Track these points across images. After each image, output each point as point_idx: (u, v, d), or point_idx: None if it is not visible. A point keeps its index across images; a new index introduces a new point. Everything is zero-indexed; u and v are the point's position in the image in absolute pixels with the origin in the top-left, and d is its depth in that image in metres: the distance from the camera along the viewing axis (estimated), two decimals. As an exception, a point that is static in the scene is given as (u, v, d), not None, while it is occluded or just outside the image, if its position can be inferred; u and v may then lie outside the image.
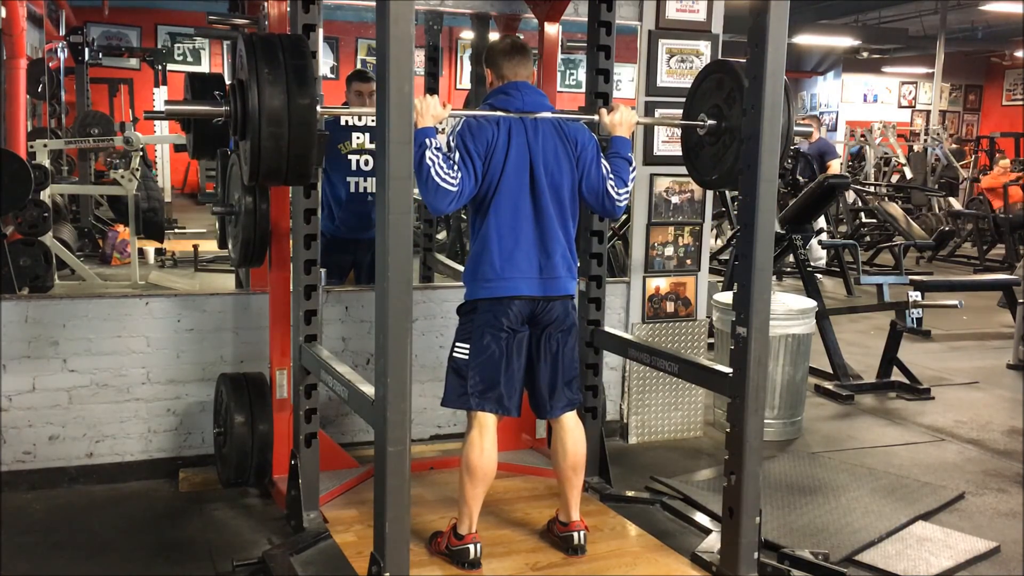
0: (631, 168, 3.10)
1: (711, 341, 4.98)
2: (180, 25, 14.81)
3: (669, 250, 4.54)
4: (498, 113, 2.98)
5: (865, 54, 18.41)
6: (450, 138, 2.94)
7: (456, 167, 2.84)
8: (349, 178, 4.47)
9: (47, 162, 7.20)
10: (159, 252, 8.66)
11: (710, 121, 3.12)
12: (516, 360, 3.02)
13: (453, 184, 2.81)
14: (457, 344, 3.06)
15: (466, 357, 3.01)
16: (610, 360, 4.38)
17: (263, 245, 3.53)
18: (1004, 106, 20.51)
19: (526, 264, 2.97)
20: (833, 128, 19.83)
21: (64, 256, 6.93)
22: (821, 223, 9.47)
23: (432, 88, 5.06)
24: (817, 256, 9.23)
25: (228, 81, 3.01)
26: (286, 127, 2.66)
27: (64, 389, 3.81)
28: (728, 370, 2.90)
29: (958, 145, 16.89)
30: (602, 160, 3.09)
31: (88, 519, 3.57)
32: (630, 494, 3.74)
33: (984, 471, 4.37)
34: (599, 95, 3.67)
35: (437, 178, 2.77)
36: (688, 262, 4.59)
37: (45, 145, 7.29)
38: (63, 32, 10.34)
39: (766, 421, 3.81)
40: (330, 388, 3.04)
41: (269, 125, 2.64)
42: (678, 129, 4.45)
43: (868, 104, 20.37)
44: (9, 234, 6.15)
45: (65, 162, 9.50)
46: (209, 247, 8.39)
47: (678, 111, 4.41)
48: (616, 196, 3.06)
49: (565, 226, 3.06)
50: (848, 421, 5.17)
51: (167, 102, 2.88)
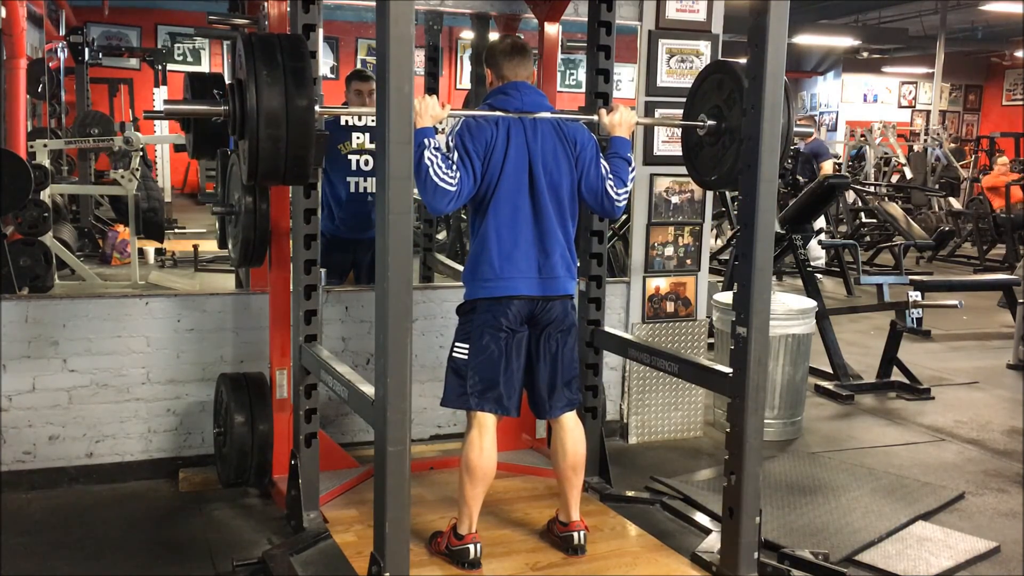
0: (630, 168, 3.10)
1: (711, 341, 4.98)
2: (180, 25, 14.81)
3: (669, 250, 4.54)
4: (497, 113, 2.98)
5: (865, 54, 18.42)
6: (449, 138, 2.94)
7: (455, 167, 2.84)
8: (349, 178, 4.47)
9: (47, 162, 7.20)
10: (159, 252, 8.66)
11: (710, 122, 3.12)
12: (515, 360, 3.02)
13: (452, 184, 2.81)
14: (456, 344, 3.06)
15: (465, 357, 3.01)
16: (610, 360, 4.38)
17: (263, 245, 3.53)
18: (1004, 106, 20.51)
19: (525, 264, 2.97)
20: (833, 128, 19.84)
21: (64, 256, 6.93)
22: (820, 223, 9.47)
23: (432, 88, 5.06)
24: (816, 256, 9.23)
25: (228, 81, 3.02)
26: (284, 128, 2.66)
27: (64, 389, 3.81)
28: (728, 370, 2.90)
29: (956, 144, 16.89)
30: (601, 160, 3.09)
31: (88, 519, 3.57)
32: (630, 494, 3.74)
33: (984, 471, 4.37)
34: (599, 95, 3.67)
35: (436, 178, 2.78)
36: (688, 262, 4.59)
37: (45, 145, 7.29)
38: (63, 32, 10.34)
39: (766, 421, 3.81)
40: (330, 388, 3.04)
41: (267, 126, 2.64)
42: (678, 129, 4.47)
43: (868, 104, 20.37)
44: (9, 234, 6.15)
45: (65, 162, 9.50)
46: (209, 247, 8.38)
47: (678, 111, 4.41)
48: (615, 196, 3.06)
49: (564, 226, 3.05)
50: (848, 421, 5.17)
51: (166, 102, 2.88)
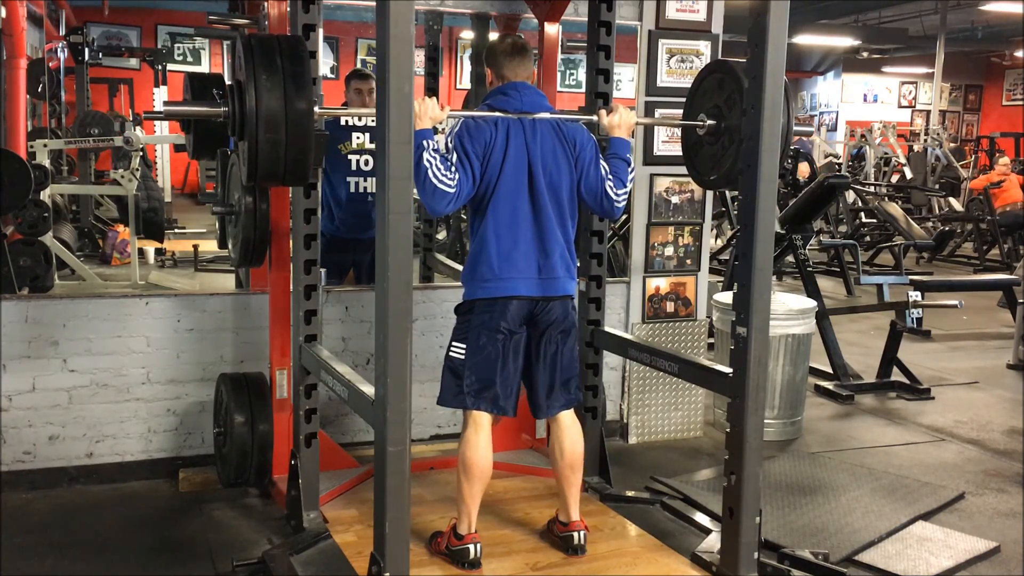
0: (630, 169, 3.10)
1: (711, 341, 4.98)
2: (180, 25, 14.82)
3: (669, 250, 4.54)
4: (497, 114, 2.98)
5: (865, 54, 18.43)
6: (448, 139, 2.94)
7: (453, 168, 2.84)
8: (349, 178, 4.47)
9: (47, 162, 7.20)
10: (159, 252, 8.66)
11: (710, 121, 3.11)
12: (512, 361, 3.02)
13: (450, 185, 2.82)
14: (454, 343, 3.06)
15: (462, 356, 3.01)
16: (610, 360, 4.38)
17: (263, 245, 3.53)
18: (1004, 106, 20.52)
19: (524, 264, 2.97)
20: (833, 128, 19.85)
21: (64, 256, 6.93)
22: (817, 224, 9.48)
23: (432, 88, 5.06)
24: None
25: (228, 82, 3.02)
26: (283, 129, 2.65)
27: (64, 389, 3.81)
28: (728, 370, 2.90)
29: (956, 144, 16.89)
30: (601, 161, 3.09)
31: (88, 519, 3.57)
32: (630, 494, 3.74)
33: (984, 471, 4.37)
34: (599, 95, 3.67)
35: (434, 179, 2.78)
36: (688, 262, 4.59)
37: (45, 145, 7.29)
38: (63, 32, 10.33)
39: (766, 421, 3.81)
40: (330, 388, 3.04)
41: (267, 128, 2.64)
42: (678, 129, 4.47)
43: (868, 104, 20.38)
44: (9, 234, 6.15)
45: (65, 162, 9.50)
46: (209, 247, 8.39)
47: (678, 111, 4.42)
48: (615, 197, 3.06)
49: (564, 226, 3.05)
50: (848, 421, 5.17)
51: (166, 103, 2.88)
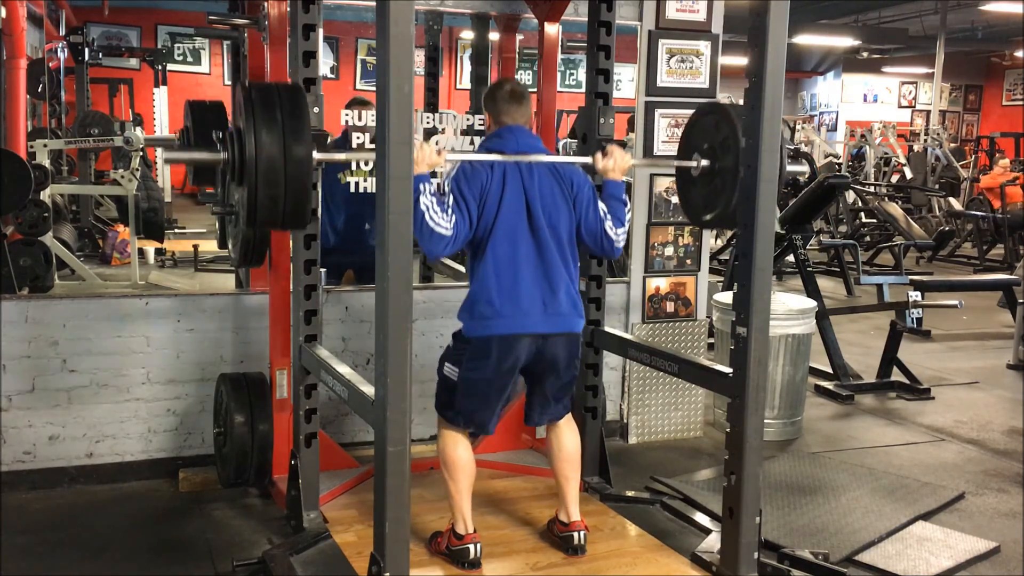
0: (627, 209, 3.13)
1: (711, 341, 4.98)
2: (180, 25, 14.81)
3: (669, 250, 4.54)
4: (494, 156, 3.00)
5: (865, 54, 18.43)
6: (445, 182, 2.96)
7: (450, 211, 2.86)
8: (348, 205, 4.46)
9: (47, 162, 7.20)
10: (159, 252, 8.66)
11: (704, 162, 3.10)
12: (503, 394, 3.06)
13: (447, 228, 2.83)
14: (448, 363, 3.06)
15: (454, 380, 3.03)
16: (610, 360, 4.38)
17: (263, 245, 3.53)
18: (1004, 106, 20.52)
19: (528, 301, 2.95)
20: (833, 128, 19.85)
21: (64, 256, 6.93)
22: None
23: (432, 88, 5.06)
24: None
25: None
26: (282, 177, 2.66)
27: (64, 389, 3.81)
28: (728, 370, 2.90)
29: (956, 144, 16.89)
30: (599, 202, 3.11)
31: (88, 519, 3.57)
32: (630, 494, 3.74)
33: (984, 471, 4.37)
34: (599, 95, 3.66)
35: (431, 223, 2.80)
36: (688, 262, 4.59)
37: (45, 145, 7.29)
38: (63, 32, 10.33)
39: (766, 421, 3.81)
40: (330, 388, 3.04)
41: (266, 180, 2.65)
42: (678, 130, 4.47)
43: (868, 104, 20.38)
44: (9, 234, 6.15)
45: (65, 162, 9.50)
46: (209, 247, 8.38)
47: (678, 111, 4.44)
48: (614, 236, 3.08)
49: (567, 264, 3.05)
50: (848, 421, 5.17)
51: (165, 151, 2.89)
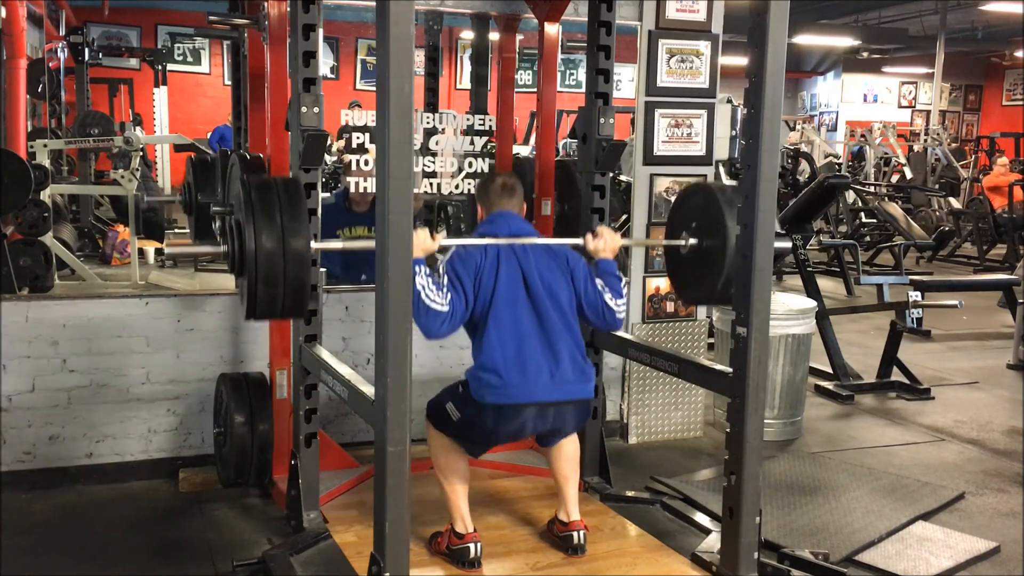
0: (622, 282, 3.15)
1: (711, 341, 4.98)
2: (180, 25, 14.80)
3: (669, 250, 4.53)
4: (487, 240, 3.04)
5: (865, 54, 18.42)
6: (440, 266, 2.98)
7: (445, 289, 2.89)
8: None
9: (47, 162, 7.20)
10: (159, 252, 8.65)
11: (692, 240, 3.15)
12: (501, 442, 3.15)
13: (442, 304, 2.86)
14: (451, 403, 3.03)
15: (454, 420, 3.02)
16: (610, 360, 4.38)
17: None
18: (1004, 106, 20.52)
19: (534, 370, 2.94)
20: (833, 128, 19.85)
21: (64, 256, 6.93)
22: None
23: (432, 88, 5.06)
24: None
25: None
26: (281, 271, 2.71)
27: (64, 389, 3.81)
28: (728, 370, 2.90)
29: (956, 144, 16.89)
30: (595, 278, 3.13)
31: (88, 519, 3.57)
32: (630, 494, 3.74)
33: (984, 471, 4.37)
34: (599, 95, 3.66)
35: (427, 300, 2.82)
36: (688, 262, 4.59)
37: (45, 145, 7.29)
38: (63, 32, 10.33)
39: (766, 421, 3.81)
40: (330, 388, 3.04)
41: (265, 275, 2.70)
42: (678, 130, 4.48)
43: (868, 104, 20.38)
44: (9, 234, 6.14)
45: (65, 162, 9.50)
46: (209, 247, 8.36)
47: (678, 111, 4.44)
48: (616, 308, 3.10)
49: (571, 330, 3.04)
50: (848, 421, 5.17)
51: (168, 245, 2.93)
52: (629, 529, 3.39)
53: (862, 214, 11.80)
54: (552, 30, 4.15)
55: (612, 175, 3.86)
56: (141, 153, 8.05)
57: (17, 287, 5.77)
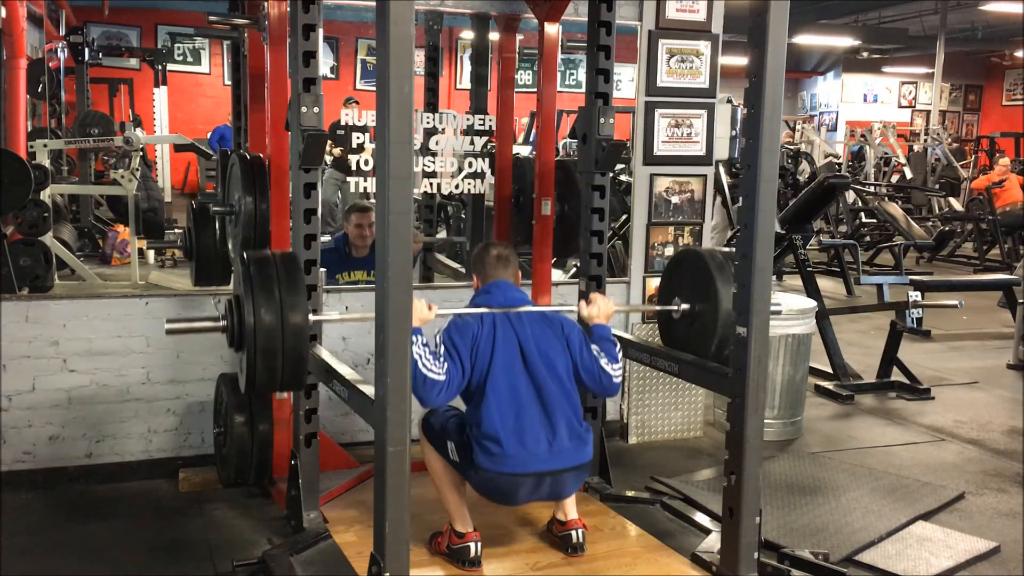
0: (616, 348, 3.16)
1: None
2: (180, 25, 14.81)
3: (669, 250, 4.54)
4: (482, 310, 3.04)
5: (865, 54, 18.43)
6: (437, 336, 2.98)
7: (442, 359, 2.90)
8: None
9: (47, 162, 7.20)
10: (159, 252, 8.65)
11: (684, 305, 3.20)
12: None
13: (439, 374, 2.86)
14: (451, 443, 3.01)
15: (452, 461, 3.02)
16: (610, 360, 4.37)
17: (263, 245, 3.53)
18: (1004, 106, 20.52)
19: (532, 441, 2.93)
20: (833, 128, 19.85)
21: (64, 256, 6.93)
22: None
23: (432, 88, 5.06)
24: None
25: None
26: (279, 345, 2.78)
27: (64, 389, 3.81)
28: (728, 370, 2.90)
29: (956, 144, 16.89)
30: (590, 344, 3.13)
31: (88, 519, 3.57)
32: (630, 494, 3.74)
33: (984, 471, 4.37)
34: (599, 95, 3.66)
35: (424, 370, 2.82)
36: (688, 262, 4.59)
37: (45, 145, 7.29)
38: (63, 32, 10.32)
39: (766, 421, 3.81)
40: (330, 388, 3.04)
41: (264, 350, 2.77)
42: (678, 130, 4.48)
43: (868, 104, 20.39)
44: (9, 234, 6.14)
45: (65, 162, 9.50)
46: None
47: (678, 111, 4.44)
48: (612, 372, 3.10)
49: (568, 397, 3.04)
50: (848, 421, 5.17)
51: (168, 322, 2.93)
52: (629, 529, 3.39)
53: (862, 214, 11.81)
54: (552, 30, 4.14)
55: (612, 175, 3.86)
56: (141, 153, 8.04)
57: (17, 287, 5.76)
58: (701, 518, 3.54)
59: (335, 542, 3.19)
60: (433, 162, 4.15)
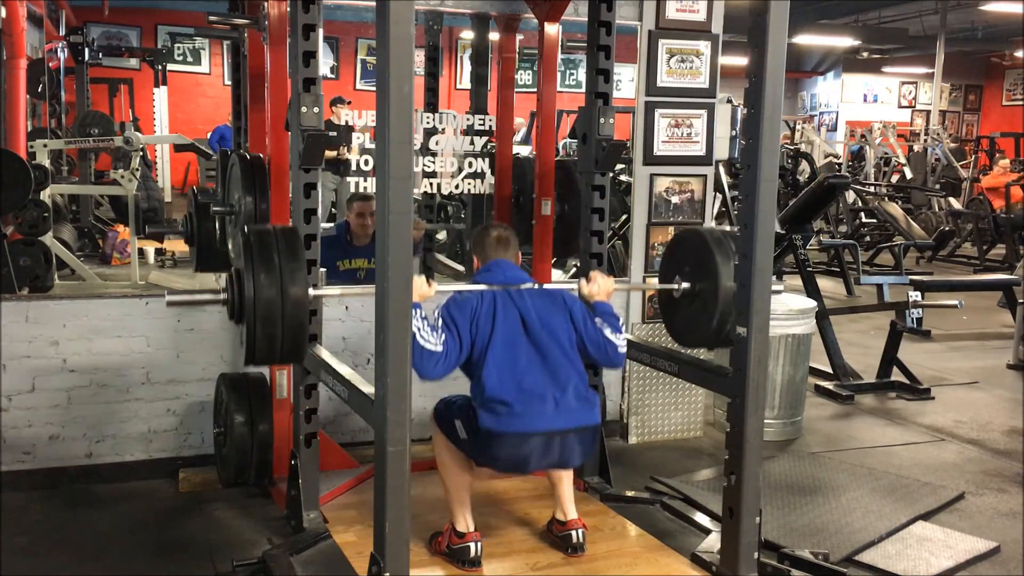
0: (619, 320, 3.16)
1: (711, 341, 4.97)
2: (180, 25, 14.81)
3: (669, 250, 4.53)
4: (482, 287, 3.05)
5: (865, 54, 18.43)
6: (436, 311, 2.99)
7: (440, 331, 2.90)
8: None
9: (47, 162, 7.20)
10: (159, 252, 8.66)
11: (684, 284, 3.18)
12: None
13: (436, 345, 2.87)
14: (459, 421, 3.02)
15: (462, 440, 3.01)
16: (610, 360, 4.37)
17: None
18: (1004, 106, 20.53)
19: (539, 400, 2.94)
20: (833, 128, 19.85)
21: (64, 256, 6.93)
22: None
23: (432, 88, 5.06)
24: None
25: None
26: (279, 317, 2.75)
27: (64, 389, 3.81)
28: (728, 370, 2.90)
29: (956, 144, 16.89)
30: (593, 317, 3.14)
31: (88, 519, 3.57)
32: (630, 494, 3.74)
33: (984, 471, 4.37)
34: (599, 95, 3.66)
35: (422, 340, 2.83)
36: (688, 262, 4.59)
37: (45, 145, 7.29)
38: (63, 32, 10.33)
39: (766, 421, 3.81)
40: (330, 388, 3.04)
41: (264, 320, 2.74)
42: (678, 130, 4.48)
43: (868, 104, 20.38)
44: (9, 234, 6.14)
45: (65, 162, 9.50)
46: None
47: (678, 111, 4.44)
48: (617, 343, 3.11)
49: (573, 364, 3.05)
50: (848, 421, 5.17)
51: (169, 294, 2.93)
52: (629, 529, 3.39)
53: (862, 214, 11.81)
54: (552, 30, 4.14)
55: (612, 175, 3.86)
56: (141, 153, 8.05)
57: (17, 287, 5.77)
58: (701, 518, 3.54)
59: (335, 542, 3.19)
60: (433, 162, 4.15)
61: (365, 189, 4.51)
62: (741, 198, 2.83)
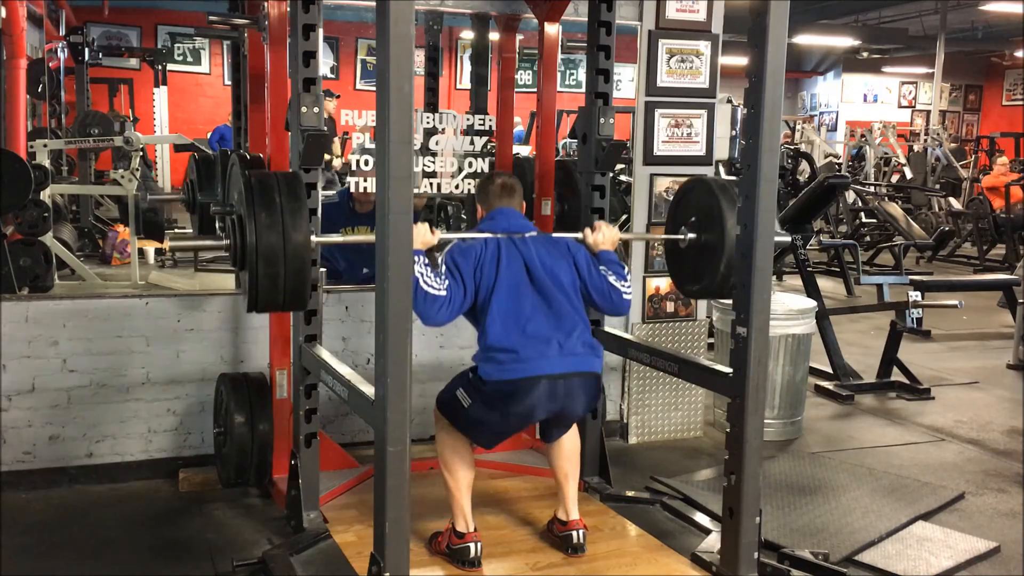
0: (623, 268, 3.18)
1: (711, 341, 4.98)
2: (180, 25, 14.81)
3: (669, 250, 4.53)
4: (486, 235, 3.06)
5: (865, 54, 18.43)
6: (440, 257, 3.01)
7: (443, 277, 2.92)
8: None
9: (47, 162, 7.19)
10: (159, 252, 8.66)
11: (691, 235, 3.20)
12: (512, 433, 3.15)
13: (440, 289, 2.88)
14: (462, 389, 3.02)
15: (465, 408, 3.01)
16: (610, 360, 4.37)
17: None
18: (1004, 106, 20.52)
19: (543, 344, 2.95)
20: (833, 128, 19.85)
21: (64, 256, 6.92)
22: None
23: (432, 88, 5.06)
24: None
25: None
26: (282, 263, 2.74)
27: (64, 389, 3.81)
28: (728, 370, 2.90)
29: (956, 144, 16.90)
30: (598, 265, 3.16)
31: (88, 519, 3.57)
32: (630, 494, 3.74)
33: (984, 471, 4.37)
34: (599, 95, 3.67)
35: (425, 286, 2.85)
36: (688, 262, 4.59)
37: (45, 145, 7.29)
38: (63, 32, 10.32)
39: (766, 421, 3.81)
40: (330, 388, 3.04)
41: (266, 264, 2.73)
42: (678, 130, 4.48)
43: (868, 104, 20.38)
44: (9, 234, 6.14)
45: (65, 162, 9.50)
46: (209, 247, 8.36)
47: (678, 111, 4.44)
48: (622, 289, 3.13)
49: (578, 311, 3.06)
50: (848, 421, 5.17)
51: (171, 238, 2.94)
52: (629, 529, 3.39)
53: (862, 214, 11.81)
54: (552, 30, 4.15)
55: (612, 175, 3.86)
56: (141, 153, 8.05)
57: (17, 287, 5.76)
58: (701, 518, 3.54)
59: (335, 542, 3.19)
60: (433, 162, 4.14)
61: (366, 189, 4.52)
62: (741, 198, 2.83)
